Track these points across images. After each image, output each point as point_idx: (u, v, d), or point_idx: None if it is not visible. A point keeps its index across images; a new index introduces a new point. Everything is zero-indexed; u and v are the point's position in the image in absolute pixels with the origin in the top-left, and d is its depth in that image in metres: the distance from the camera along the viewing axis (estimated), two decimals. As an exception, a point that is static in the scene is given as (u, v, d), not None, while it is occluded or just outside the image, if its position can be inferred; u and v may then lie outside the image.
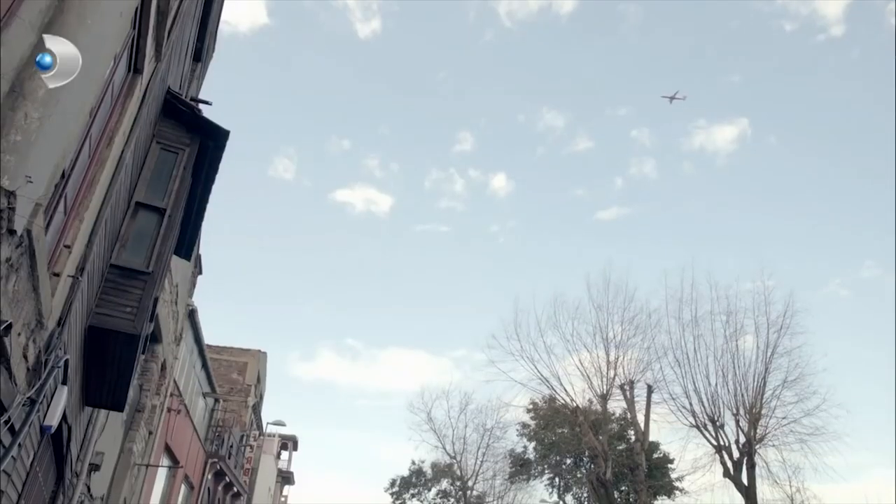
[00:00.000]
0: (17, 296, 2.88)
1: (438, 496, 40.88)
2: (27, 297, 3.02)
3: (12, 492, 4.32)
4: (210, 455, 24.15)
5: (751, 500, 20.15)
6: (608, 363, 22.33)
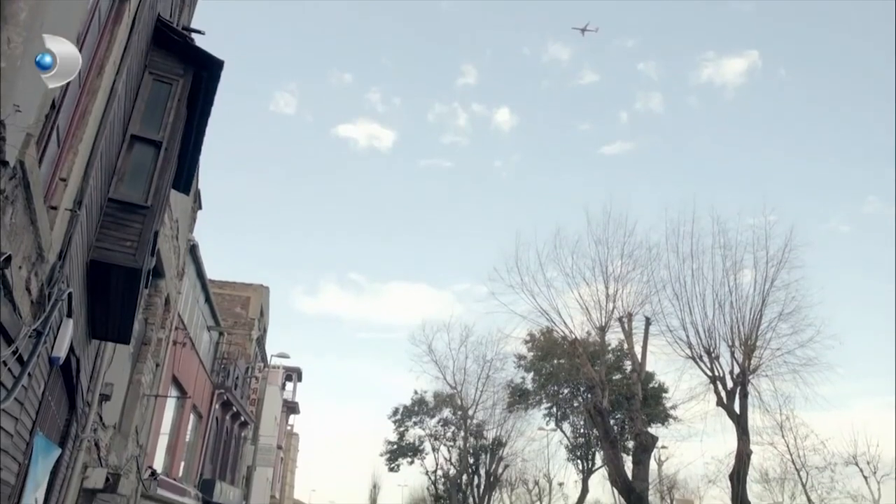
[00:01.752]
0: (15, 228, 2.86)
1: (440, 424, 42.31)
2: (25, 230, 3.00)
3: (26, 419, 4.45)
4: (217, 386, 24.79)
5: (742, 427, 20.79)
6: (607, 296, 22.60)
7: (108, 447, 10.82)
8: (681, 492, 47.75)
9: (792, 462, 36.79)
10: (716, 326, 21.74)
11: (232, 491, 29.27)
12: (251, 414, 32.20)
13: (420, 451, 42.87)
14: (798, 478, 37.82)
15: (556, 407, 34.33)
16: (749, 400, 21.06)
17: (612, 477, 22.82)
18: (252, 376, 32.96)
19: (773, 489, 44.27)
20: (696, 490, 49.18)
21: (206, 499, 23.93)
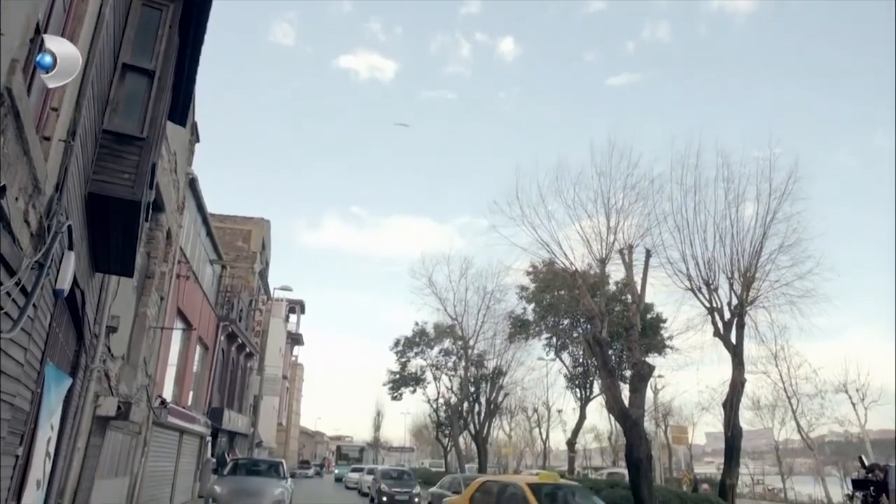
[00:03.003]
0: (8, 159, 2.80)
1: (441, 354, 43.16)
2: (18, 160, 2.94)
3: (35, 349, 4.52)
4: (221, 319, 25.18)
5: (737, 357, 21.19)
6: (608, 228, 22.51)
7: (117, 377, 11.08)
8: (675, 418, 49.42)
9: (784, 390, 37.92)
10: (716, 259, 21.81)
11: (240, 419, 30.25)
12: (256, 345, 32.87)
13: (422, 381, 43.94)
14: (789, 405, 39.07)
15: (555, 337, 34.94)
16: (745, 331, 21.38)
17: (609, 404, 23.47)
18: (255, 309, 33.43)
19: (763, 415, 45.78)
20: (689, 417, 50.91)
21: (215, 426, 24.75)
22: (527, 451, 67.40)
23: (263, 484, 15.76)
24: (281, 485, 15.94)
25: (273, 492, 15.17)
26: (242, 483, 15.70)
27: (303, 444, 75.95)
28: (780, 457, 46.07)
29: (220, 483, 15.61)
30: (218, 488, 15.15)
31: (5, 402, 3.73)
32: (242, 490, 15.04)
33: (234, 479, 16.01)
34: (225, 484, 15.42)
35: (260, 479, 16.57)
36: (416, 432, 78.04)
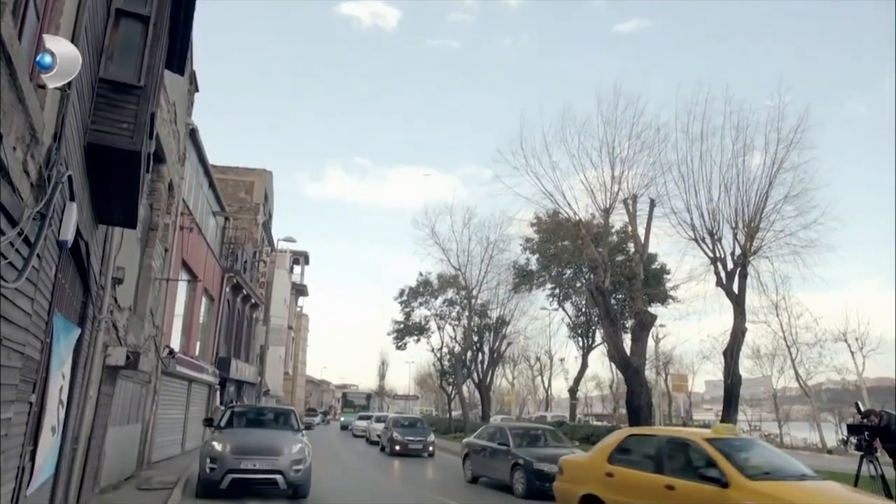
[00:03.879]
0: (3, 107, 2.75)
1: (444, 304, 43.52)
2: (14, 108, 2.89)
3: (42, 300, 4.55)
4: (226, 270, 25.34)
5: (739, 306, 21.33)
6: (612, 178, 22.36)
7: (125, 328, 11.23)
8: (676, 367, 50.23)
9: (784, 339, 38.37)
10: (720, 208, 21.70)
11: (247, 368, 30.80)
12: (261, 296, 33.18)
13: (426, 331, 44.45)
14: (788, 353, 39.59)
15: (558, 287, 35.16)
16: (748, 281, 21.46)
17: (611, 353, 23.80)
18: (260, 260, 33.60)
19: (763, 364, 46.49)
20: (690, 365, 51.74)
21: (223, 375, 25.24)
22: (529, 398, 68.79)
23: (277, 439, 11.98)
24: (298, 440, 12.19)
25: (291, 449, 11.49)
26: (248, 438, 11.88)
27: (309, 392, 77.62)
28: (777, 404, 46.98)
29: (219, 439, 11.71)
30: (218, 445, 11.32)
31: (16, 351, 3.78)
32: (250, 447, 11.33)
33: (236, 434, 12.17)
34: (226, 440, 11.57)
35: (270, 432, 12.85)
36: (421, 381, 79.58)
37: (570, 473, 9.27)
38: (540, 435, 15.47)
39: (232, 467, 10.89)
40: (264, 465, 11.05)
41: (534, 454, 13.46)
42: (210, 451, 11.28)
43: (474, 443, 16.17)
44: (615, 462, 8.42)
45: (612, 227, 25.78)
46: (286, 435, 12.54)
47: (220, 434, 12.17)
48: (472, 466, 15.65)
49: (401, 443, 22.81)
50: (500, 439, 14.71)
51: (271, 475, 11.04)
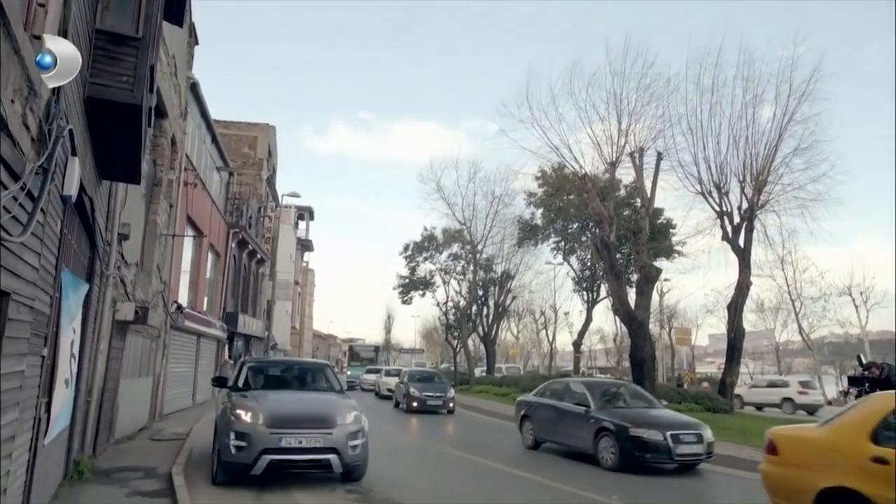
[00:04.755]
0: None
1: (450, 259, 43.65)
2: (9, 59, 2.83)
3: (49, 255, 4.57)
4: (231, 226, 25.38)
5: (744, 260, 21.33)
6: (619, 131, 22.07)
7: (133, 283, 11.33)
8: (679, 320, 50.52)
9: (788, 293, 38.45)
10: (728, 161, 21.49)
11: (255, 323, 31.18)
12: (267, 252, 33.32)
13: (431, 285, 44.69)
14: (792, 307, 39.74)
15: (564, 241, 35.11)
16: (754, 235, 21.40)
17: (616, 307, 23.97)
18: (265, 216, 33.62)
19: (766, 318, 46.73)
20: (693, 319, 52.02)
21: (231, 330, 25.58)
22: (533, 352, 69.67)
23: (324, 405, 8.90)
24: (349, 405, 9.04)
25: (344, 418, 8.48)
26: (286, 405, 8.77)
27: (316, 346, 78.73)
28: (779, 357, 47.45)
29: (245, 406, 8.42)
30: (246, 415, 8.18)
31: (25, 306, 3.81)
32: (291, 417, 8.27)
33: (267, 399, 8.86)
34: (256, 407, 8.36)
35: (309, 396, 9.72)
36: (426, 335, 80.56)
37: (795, 454, 6.47)
38: (620, 392, 12.93)
39: (269, 446, 7.81)
40: (313, 442, 8.05)
41: (626, 417, 10.98)
42: (235, 422, 8.06)
43: (536, 402, 13.56)
44: (886, 442, 5.46)
45: (619, 180, 25.60)
46: (333, 399, 9.25)
47: (244, 399, 8.76)
48: (535, 430, 13.17)
49: (418, 399, 20.97)
50: (577, 399, 12.15)
51: (323, 455, 8.05)
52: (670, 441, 10.32)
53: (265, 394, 9.19)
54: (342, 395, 9.86)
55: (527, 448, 13.19)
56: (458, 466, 11.03)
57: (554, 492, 8.93)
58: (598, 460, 10.93)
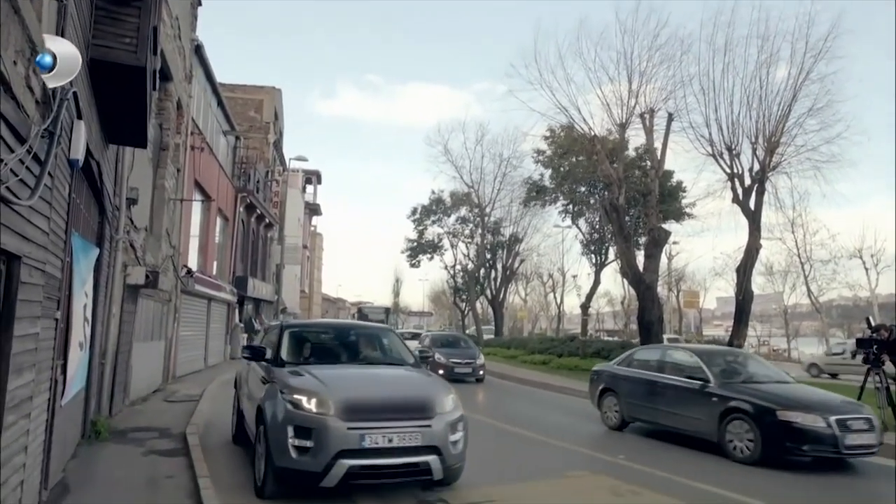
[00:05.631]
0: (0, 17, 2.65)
1: (457, 222, 43.63)
2: (10, 19, 2.79)
3: (58, 219, 4.58)
4: (239, 190, 25.37)
5: (755, 223, 21.16)
6: (630, 92, 21.71)
7: (143, 248, 11.40)
8: (688, 284, 50.57)
9: (798, 256, 38.29)
10: (740, 122, 21.12)
11: (264, 287, 31.43)
12: (275, 216, 33.37)
13: (439, 248, 44.78)
14: (801, 270, 39.60)
15: (572, 204, 34.91)
16: (765, 197, 21.18)
17: (624, 269, 23.92)
18: (272, 180, 33.56)
19: (775, 281, 46.68)
20: (702, 282, 52.05)
21: (241, 293, 25.80)
22: (541, 314, 70.05)
23: (412, 385, 6.68)
24: (440, 384, 6.85)
25: (443, 404, 6.21)
26: (363, 385, 6.49)
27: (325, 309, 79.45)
28: (787, 320, 47.51)
29: (301, 386, 6.08)
30: (309, 401, 5.83)
31: (37, 269, 3.84)
32: (375, 403, 6.00)
33: (333, 378, 6.34)
34: (322, 390, 5.97)
35: (386, 371, 7.24)
36: (435, 298, 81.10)
37: None
38: (740, 362, 10.63)
39: (348, 447, 5.54)
40: (408, 440, 5.72)
41: (767, 396, 8.77)
42: (293, 413, 5.75)
43: (623, 374, 11.27)
44: None
45: (628, 142, 25.31)
46: (421, 378, 6.92)
47: (301, 378, 6.28)
48: (622, 408, 10.97)
49: (444, 366, 18.45)
50: (686, 370, 9.95)
51: (421, 457, 5.74)
52: (836, 428, 8.13)
53: (327, 370, 6.59)
54: (420, 369, 7.37)
55: (609, 429, 11.17)
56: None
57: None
58: (726, 450, 8.79)
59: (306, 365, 6.89)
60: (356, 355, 7.73)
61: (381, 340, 8.18)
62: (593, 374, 12.53)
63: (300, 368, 6.66)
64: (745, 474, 7.95)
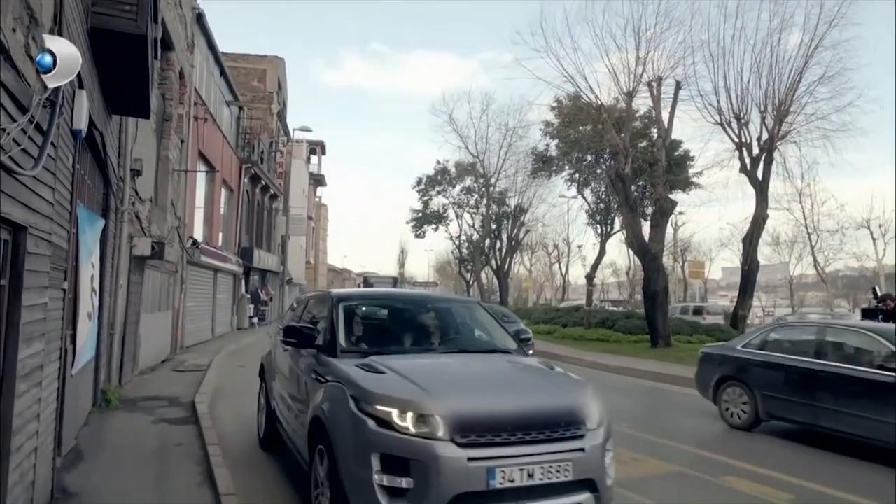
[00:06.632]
0: (-3, -16, 2.61)
1: (463, 192, 43.52)
2: (8, -15, 2.74)
3: (63, 190, 4.58)
4: (243, 161, 25.29)
5: (762, 193, 21.02)
6: (637, 59, 21.35)
7: (148, 219, 11.41)
8: (693, 254, 50.44)
9: (805, 226, 38.09)
10: (749, 90, 20.83)
11: (270, 258, 31.54)
12: (279, 187, 33.31)
13: (444, 219, 44.75)
14: (808, 240, 39.44)
15: (578, 174, 34.69)
16: (773, 167, 20.99)
17: (629, 240, 23.88)
18: (276, 150, 33.42)
19: (781, 251, 46.55)
20: (707, 252, 51.90)
21: (246, 265, 25.91)
22: (546, 285, 70.21)
23: (549, 385, 4.52)
24: (578, 381, 4.68)
25: (590, 410, 4.15)
26: (471, 386, 4.25)
27: (331, 280, 79.79)
28: (792, 290, 47.47)
29: (385, 390, 3.90)
30: (398, 415, 3.72)
31: (43, 240, 3.85)
32: (499, 417, 3.80)
33: (431, 377, 4.17)
34: (420, 396, 3.82)
35: (487, 363, 4.93)
36: (440, 268, 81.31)
37: None
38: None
39: (471, 488, 3.61)
40: (555, 473, 3.77)
41: None
42: (382, 434, 3.75)
43: (756, 359, 8.87)
44: None
45: (636, 111, 25.02)
46: (544, 372, 4.86)
47: (382, 378, 4.18)
48: (757, 403, 8.56)
49: None
50: (869, 358, 7.55)
51: (574, 497, 3.84)
52: None
53: (410, 362, 4.57)
54: (531, 358, 5.31)
55: (732, 427, 8.78)
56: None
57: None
58: None
59: (378, 355, 4.71)
60: (441, 339, 5.49)
61: (470, 317, 6.15)
62: (705, 356, 9.87)
63: (371, 361, 4.52)
64: None
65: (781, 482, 6.14)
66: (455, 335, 5.73)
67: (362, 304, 5.94)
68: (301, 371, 5.26)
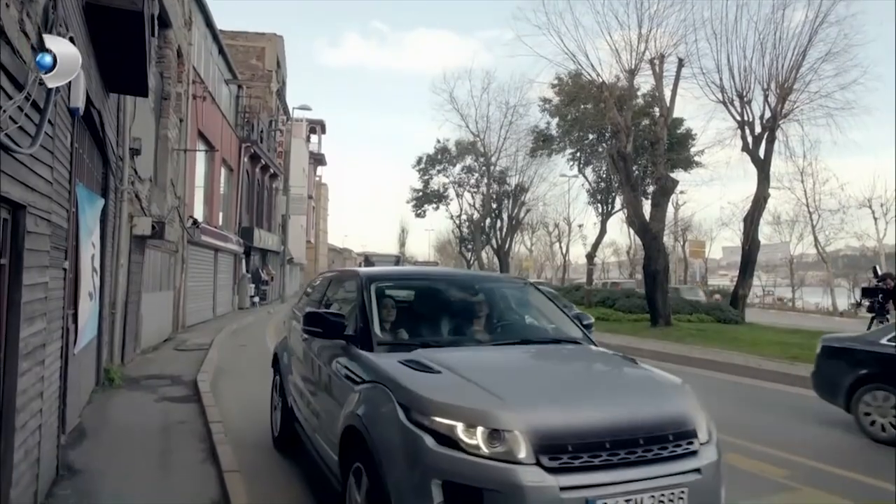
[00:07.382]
0: (-10, -42, 2.57)
1: (463, 171, 43.37)
2: (1, -41, 2.70)
3: (61, 168, 4.56)
4: (243, 140, 25.16)
5: (764, 172, 20.94)
6: (640, 36, 21.14)
7: (148, 198, 11.38)
8: (694, 233, 50.42)
9: (806, 205, 38.02)
10: (753, 68, 20.67)
11: (270, 237, 31.53)
12: (279, 166, 33.19)
13: (445, 198, 44.67)
14: (809, 220, 39.39)
15: (579, 153, 34.54)
16: (775, 146, 20.88)
17: (630, 219, 23.83)
18: (276, 129, 33.23)
19: (782, 230, 46.51)
20: (708, 232, 51.90)
21: (247, 244, 25.91)
22: (547, 264, 70.29)
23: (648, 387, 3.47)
24: (677, 384, 3.50)
25: (699, 417, 3.19)
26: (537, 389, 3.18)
27: (332, 260, 79.83)
28: (793, 269, 47.52)
29: (443, 398, 2.94)
30: (465, 431, 2.78)
31: (42, 219, 3.84)
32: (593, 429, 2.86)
33: (497, 379, 3.22)
34: (492, 405, 2.88)
35: (560, 358, 4.08)
36: (441, 248, 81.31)
37: None
38: None
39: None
40: (667, 497, 2.79)
41: None
42: (445, 455, 2.77)
43: None
44: None
45: (637, 89, 24.82)
46: (632, 368, 3.83)
47: (428, 375, 3.26)
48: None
49: None
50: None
51: None
52: None
53: (464, 356, 3.77)
54: (603, 349, 4.36)
55: (876, 442, 6.59)
56: None
57: None
58: None
59: (424, 348, 3.82)
60: (495, 327, 4.54)
61: (524, 299, 5.09)
62: (831, 350, 7.49)
63: (419, 356, 3.59)
64: None
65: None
66: (511, 322, 4.72)
67: (398, 286, 4.95)
68: (329, 366, 4.24)
